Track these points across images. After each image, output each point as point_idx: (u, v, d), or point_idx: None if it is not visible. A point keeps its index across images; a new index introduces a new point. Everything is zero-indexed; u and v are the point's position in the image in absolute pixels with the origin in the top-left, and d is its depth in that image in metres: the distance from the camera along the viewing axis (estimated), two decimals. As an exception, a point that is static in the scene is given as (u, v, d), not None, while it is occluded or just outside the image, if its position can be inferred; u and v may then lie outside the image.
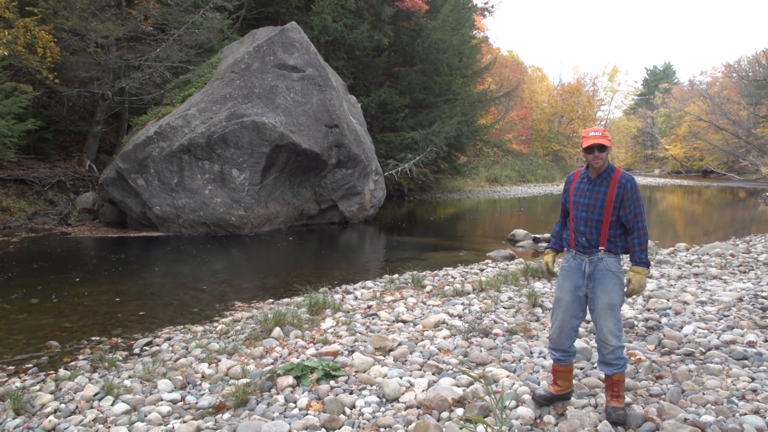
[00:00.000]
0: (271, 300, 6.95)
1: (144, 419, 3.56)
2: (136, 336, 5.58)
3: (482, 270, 8.58)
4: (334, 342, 4.91)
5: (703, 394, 3.59)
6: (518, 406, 3.50)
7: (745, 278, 7.27)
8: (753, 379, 3.86)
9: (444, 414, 3.47)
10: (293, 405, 3.69)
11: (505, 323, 5.34)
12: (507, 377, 3.98)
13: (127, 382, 4.18)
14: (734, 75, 47.21)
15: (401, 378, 3.99)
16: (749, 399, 3.56)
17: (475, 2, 30.43)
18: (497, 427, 3.15)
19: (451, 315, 5.69)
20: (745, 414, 3.32)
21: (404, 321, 5.57)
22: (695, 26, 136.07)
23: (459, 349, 4.60)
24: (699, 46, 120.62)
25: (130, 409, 3.72)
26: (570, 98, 52.81)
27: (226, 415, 3.59)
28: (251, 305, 6.74)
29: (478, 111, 28.43)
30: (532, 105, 49.64)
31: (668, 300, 5.99)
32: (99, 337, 5.54)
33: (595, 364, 4.04)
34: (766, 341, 4.65)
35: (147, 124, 13.16)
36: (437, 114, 22.29)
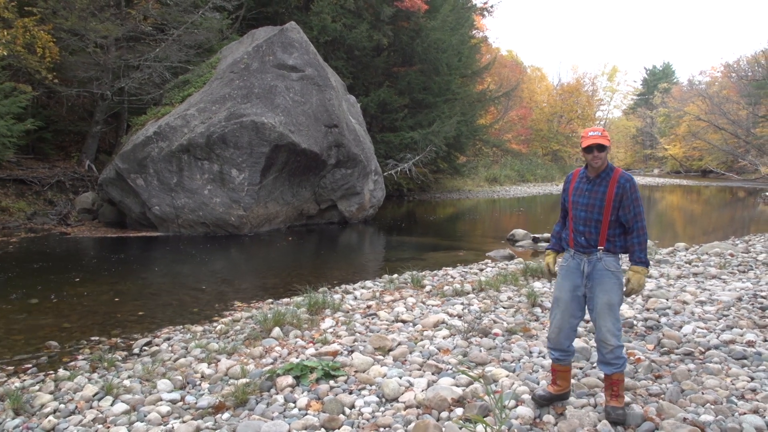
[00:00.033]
0: (271, 300, 6.95)
1: (143, 419, 3.57)
2: (136, 336, 5.58)
3: (482, 270, 8.58)
4: (334, 342, 4.91)
5: (703, 394, 3.60)
6: (518, 406, 3.50)
7: (745, 278, 7.28)
8: (752, 379, 3.86)
9: (443, 414, 3.47)
10: (293, 405, 3.69)
11: (505, 323, 5.35)
12: (506, 377, 3.98)
13: (127, 382, 4.18)
14: (733, 75, 47.27)
15: (401, 378, 3.99)
16: (748, 398, 3.56)
17: (475, 2, 30.44)
18: (497, 427, 3.15)
19: (451, 315, 5.69)
20: (745, 413, 3.33)
21: (404, 321, 5.57)
22: (694, 26, 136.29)
23: (458, 349, 4.60)
24: (698, 46, 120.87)
25: (130, 409, 3.72)
26: (569, 98, 52.84)
27: (226, 415, 3.59)
28: (251, 305, 6.74)
29: (478, 111, 28.43)
30: (532, 105, 49.65)
31: (667, 300, 6.00)
32: (98, 337, 5.54)
33: (595, 364, 4.04)
34: (766, 341, 4.66)
35: (146, 124, 13.15)
36: (436, 114, 22.29)
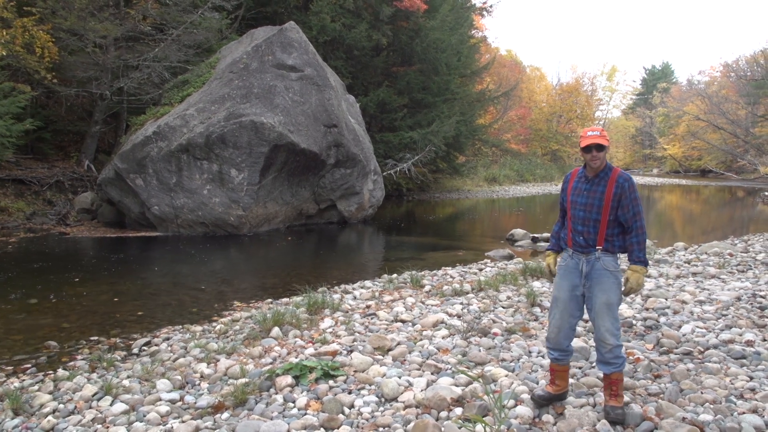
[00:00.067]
0: (270, 300, 6.95)
1: (143, 419, 3.56)
2: (135, 336, 5.58)
3: (481, 270, 8.58)
4: (333, 342, 4.91)
5: (702, 393, 3.60)
6: (517, 406, 3.50)
7: (744, 277, 7.29)
8: (751, 378, 3.87)
9: (443, 413, 3.47)
10: (292, 405, 3.69)
11: (504, 323, 5.35)
12: (506, 376, 3.98)
13: (126, 382, 4.18)
14: (732, 74, 47.31)
15: (400, 378, 3.99)
16: (747, 398, 3.57)
17: (474, 2, 30.43)
18: (496, 427, 3.16)
19: (450, 315, 5.69)
20: (744, 413, 3.33)
21: (403, 321, 5.57)
22: (693, 26, 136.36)
23: (458, 349, 4.60)
24: (697, 46, 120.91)
25: (129, 409, 3.72)
26: (568, 98, 52.84)
27: (225, 415, 3.59)
28: (250, 305, 6.74)
29: (477, 111, 28.42)
30: (531, 105, 49.64)
31: (667, 299, 6.00)
32: (97, 337, 5.53)
33: (594, 364, 4.04)
34: (765, 340, 4.66)
35: (145, 124, 13.14)
36: (436, 114, 22.29)
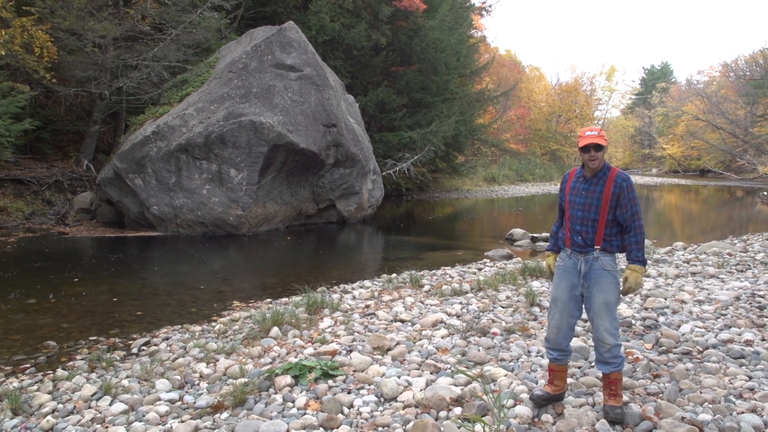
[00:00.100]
0: (269, 299, 6.95)
1: (142, 419, 3.56)
2: (134, 336, 5.58)
3: (480, 269, 8.59)
4: (332, 341, 4.91)
5: (701, 393, 3.60)
6: (516, 405, 3.50)
7: (743, 277, 7.30)
8: (750, 378, 3.87)
9: (442, 413, 3.47)
10: (291, 404, 3.69)
11: (503, 322, 5.35)
12: (505, 376, 3.98)
13: (125, 382, 4.18)
14: (731, 74, 47.30)
15: (399, 377, 3.99)
16: (746, 397, 3.57)
17: (473, 2, 30.44)
18: (495, 426, 3.16)
19: (449, 314, 5.70)
20: (743, 412, 3.33)
21: (402, 320, 5.57)
22: (693, 26, 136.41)
23: (457, 349, 4.60)
24: (696, 46, 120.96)
25: (128, 409, 3.72)
26: (568, 98, 52.83)
27: (224, 415, 3.59)
28: (249, 305, 6.74)
29: (476, 110, 28.43)
30: (530, 104, 49.65)
31: (666, 299, 6.00)
32: (97, 337, 5.53)
33: (593, 363, 4.05)
34: (764, 340, 4.66)
35: (144, 124, 13.14)
36: (435, 113, 22.29)
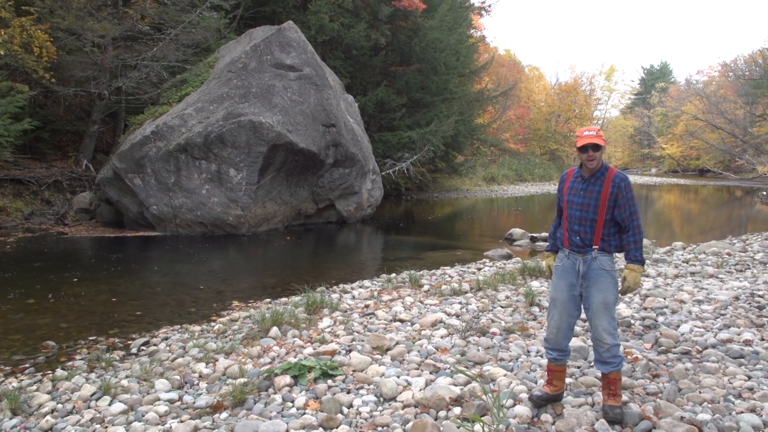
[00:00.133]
0: (269, 299, 6.95)
1: (141, 419, 3.56)
2: (134, 336, 5.57)
3: (479, 269, 8.59)
4: (332, 341, 4.91)
5: (700, 393, 3.60)
6: (515, 405, 3.50)
7: (742, 277, 7.30)
8: (749, 378, 3.87)
9: (441, 413, 3.47)
10: (291, 404, 3.69)
11: (503, 322, 5.35)
12: (504, 376, 3.98)
13: (125, 382, 4.18)
14: (731, 74, 47.32)
15: (399, 377, 3.99)
16: (746, 397, 3.57)
17: (473, 1, 30.43)
18: (494, 426, 3.16)
19: (449, 314, 5.70)
20: (742, 412, 3.33)
21: (402, 320, 5.57)
22: (692, 25, 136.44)
23: (456, 348, 4.60)
24: (695, 46, 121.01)
25: (128, 409, 3.71)
26: (567, 97, 52.88)
27: (224, 415, 3.59)
28: (249, 305, 6.74)
29: (476, 110, 28.43)
30: (530, 104, 49.67)
31: (665, 299, 6.01)
32: (96, 337, 5.53)
33: (592, 363, 4.05)
34: (763, 340, 4.67)
35: (144, 124, 13.13)
36: (434, 113, 22.29)
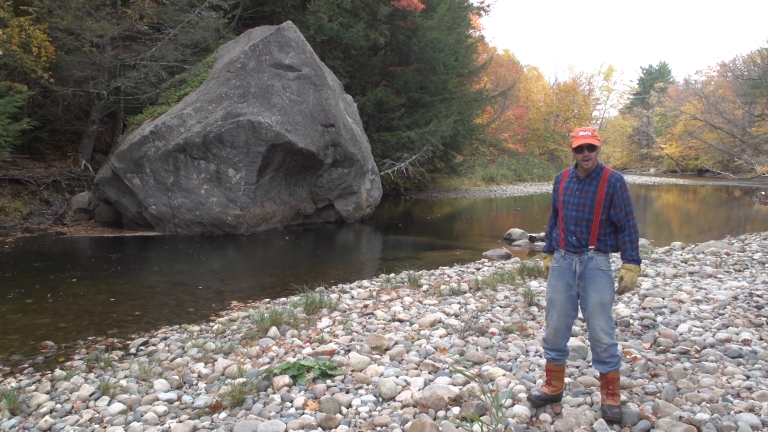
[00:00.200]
0: (268, 299, 6.94)
1: (140, 419, 3.56)
2: (132, 336, 5.57)
3: (478, 269, 8.59)
4: (331, 341, 4.91)
5: (699, 392, 3.61)
6: (514, 405, 3.50)
7: (740, 277, 7.31)
8: (748, 377, 3.88)
9: (440, 413, 3.47)
10: (290, 404, 3.69)
11: (502, 322, 5.36)
12: (503, 376, 3.99)
13: (123, 382, 4.17)
14: (729, 74, 47.40)
15: (397, 377, 3.99)
16: (744, 397, 3.58)
17: (471, 1, 30.45)
18: (493, 426, 3.16)
19: (448, 314, 5.70)
20: (740, 412, 3.34)
21: (400, 320, 5.57)
22: (690, 25, 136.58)
23: (455, 348, 4.61)
24: (694, 46, 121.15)
25: (126, 409, 3.71)
26: (566, 97, 52.95)
27: (223, 415, 3.59)
28: (247, 305, 6.74)
29: (474, 110, 28.45)
30: (528, 104, 49.72)
31: (664, 298, 6.02)
32: (95, 337, 5.52)
33: (591, 363, 4.05)
34: (761, 339, 4.67)
35: (142, 124, 13.11)
36: (433, 113, 22.30)
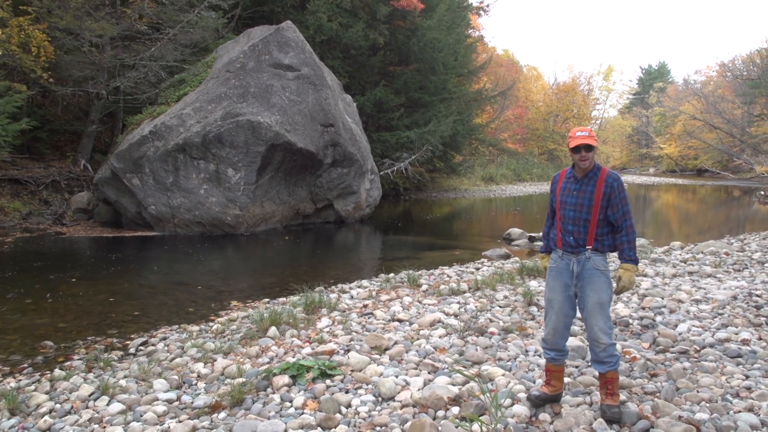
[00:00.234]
0: (267, 299, 6.94)
1: (139, 419, 3.56)
2: (132, 336, 5.57)
3: (478, 269, 8.59)
4: (330, 341, 4.91)
5: (698, 392, 3.61)
6: (513, 405, 3.51)
7: (740, 276, 7.31)
8: (747, 377, 3.88)
9: (440, 413, 3.47)
10: (289, 404, 3.69)
11: (501, 322, 5.36)
12: (502, 375, 3.99)
13: (123, 382, 4.17)
14: (728, 74, 47.41)
15: (397, 377, 4.00)
16: (743, 396, 3.58)
17: (471, 1, 30.42)
18: (492, 426, 3.16)
19: (447, 314, 5.70)
20: (740, 411, 3.34)
21: (400, 320, 5.57)
22: (690, 25, 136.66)
23: (455, 348, 4.61)
24: (693, 45, 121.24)
25: (126, 409, 3.71)
26: (565, 97, 52.94)
27: (222, 415, 3.58)
28: (247, 304, 6.73)
29: (474, 110, 28.44)
30: (528, 104, 49.74)
31: (663, 298, 6.02)
32: (94, 337, 5.52)
33: (590, 363, 4.05)
34: (760, 339, 4.68)
35: (142, 124, 13.11)
36: (433, 113, 22.29)
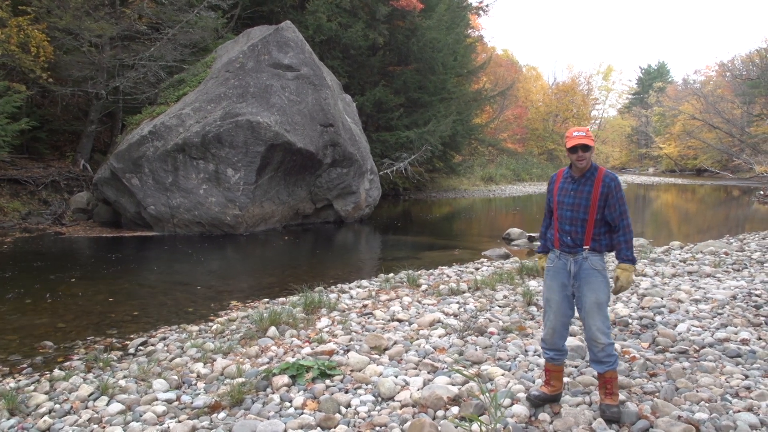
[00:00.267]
0: (267, 299, 6.94)
1: (139, 419, 3.56)
2: (131, 336, 5.57)
3: (477, 269, 8.59)
4: (330, 341, 4.91)
5: (697, 392, 3.61)
6: (513, 405, 3.51)
7: (739, 276, 7.32)
8: (746, 377, 3.88)
9: (439, 412, 3.47)
10: (289, 404, 3.69)
11: (501, 322, 5.36)
12: (502, 375, 3.99)
13: (122, 382, 4.17)
14: (728, 74, 47.43)
15: (396, 377, 4.00)
16: (743, 396, 3.58)
17: (470, 1, 30.45)
18: (492, 425, 3.16)
19: (447, 314, 5.70)
20: (739, 411, 3.34)
21: (399, 320, 5.57)
22: (689, 25, 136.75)
23: (454, 348, 4.61)
24: (693, 45, 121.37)
25: (125, 409, 3.71)
26: (565, 97, 52.93)
27: (222, 415, 3.58)
28: (246, 304, 6.73)
29: (473, 110, 28.45)
30: (527, 104, 49.72)
31: (662, 298, 6.02)
32: (94, 337, 5.52)
33: (589, 363, 4.06)
34: (760, 339, 4.68)
35: (141, 124, 13.11)
36: (432, 113, 22.30)
